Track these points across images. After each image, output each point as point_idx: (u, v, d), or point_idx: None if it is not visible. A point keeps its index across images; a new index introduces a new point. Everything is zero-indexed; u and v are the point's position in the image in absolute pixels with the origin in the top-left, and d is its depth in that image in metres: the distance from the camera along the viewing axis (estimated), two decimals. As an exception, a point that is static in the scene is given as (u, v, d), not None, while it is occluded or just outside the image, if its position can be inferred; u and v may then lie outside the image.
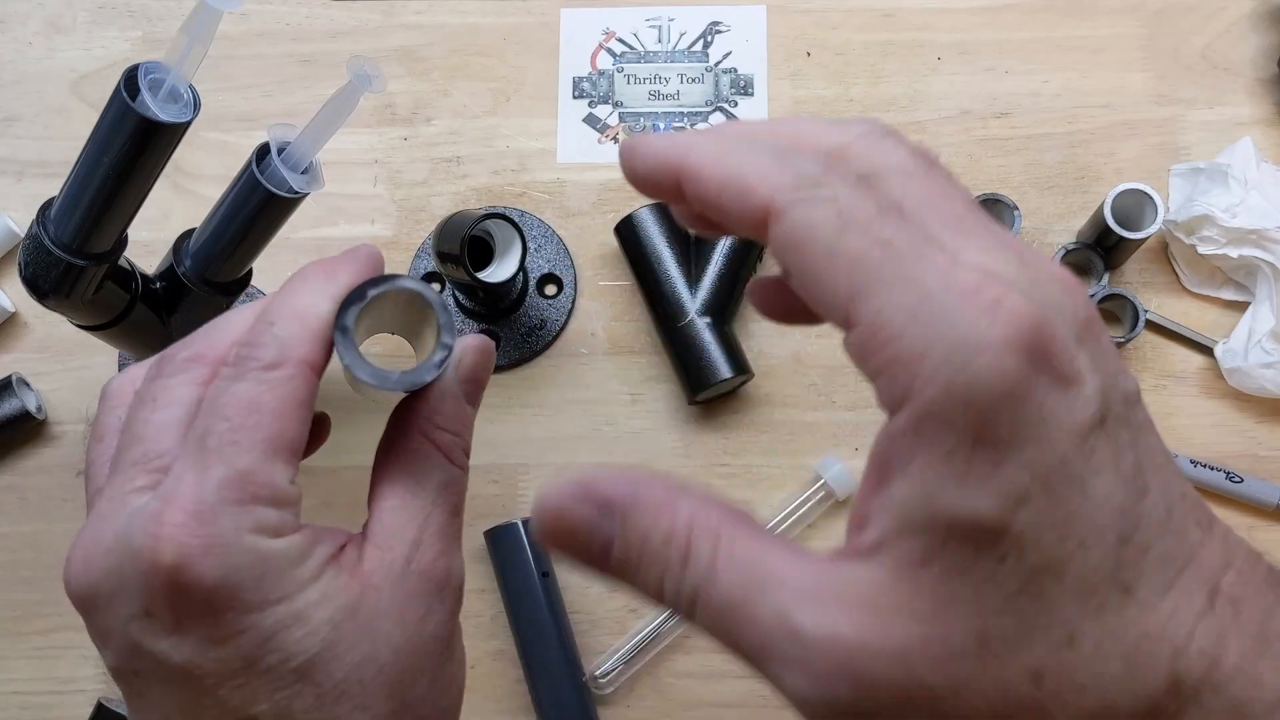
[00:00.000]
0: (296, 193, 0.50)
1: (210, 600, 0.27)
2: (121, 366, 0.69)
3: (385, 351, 0.66)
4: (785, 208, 0.23)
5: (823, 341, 0.68)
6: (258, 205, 0.50)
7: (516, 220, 0.63)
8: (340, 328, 0.29)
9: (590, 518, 0.24)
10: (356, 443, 0.68)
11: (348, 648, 0.29)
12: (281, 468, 0.29)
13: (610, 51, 0.74)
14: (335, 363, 0.31)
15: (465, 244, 0.60)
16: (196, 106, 0.44)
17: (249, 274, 0.58)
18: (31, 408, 0.66)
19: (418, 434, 0.32)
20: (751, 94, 0.73)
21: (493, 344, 0.35)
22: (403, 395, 0.33)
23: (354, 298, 0.29)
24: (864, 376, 0.23)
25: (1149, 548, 0.22)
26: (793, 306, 0.30)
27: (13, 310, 0.70)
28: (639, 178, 0.27)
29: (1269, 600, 0.23)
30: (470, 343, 0.33)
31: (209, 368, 0.31)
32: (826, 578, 0.23)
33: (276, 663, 0.28)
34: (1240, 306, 0.67)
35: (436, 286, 0.70)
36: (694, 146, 0.25)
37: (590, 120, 0.73)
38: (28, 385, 0.68)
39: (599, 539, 0.24)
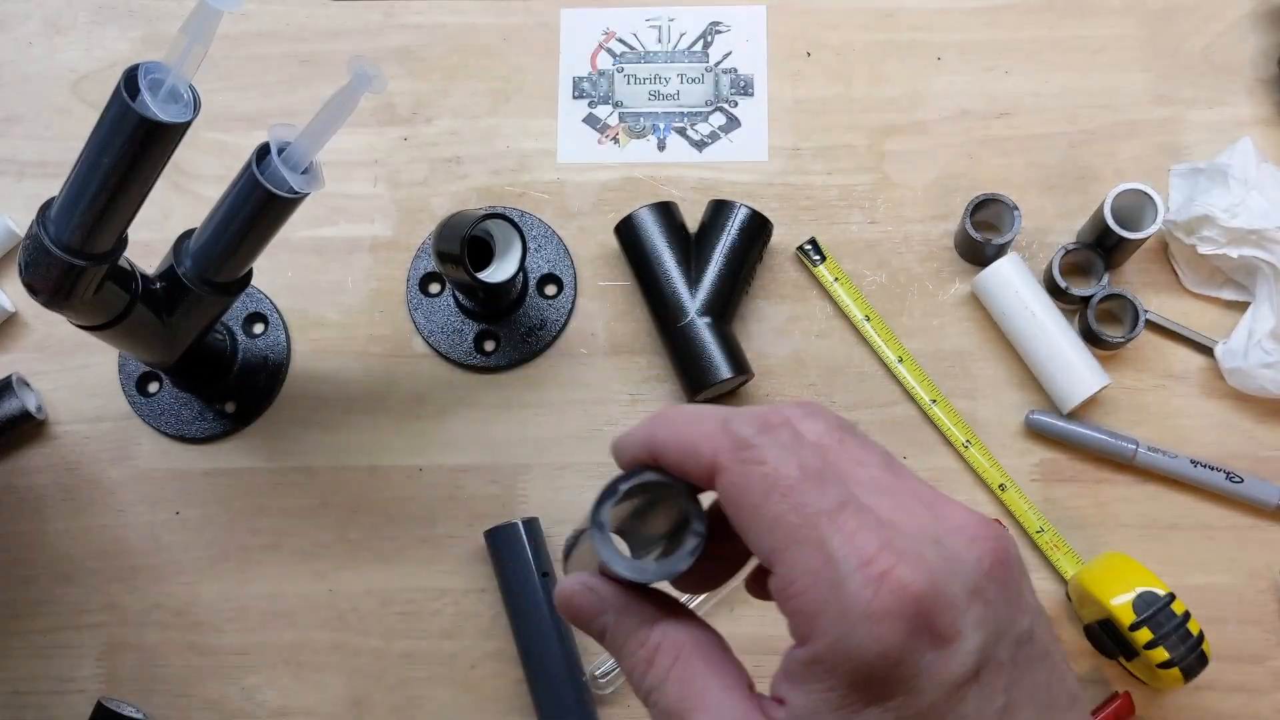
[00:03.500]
0: (296, 193, 0.50)
1: None
2: (121, 367, 0.69)
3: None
4: (724, 466, 0.28)
5: (823, 342, 0.68)
6: (258, 205, 0.50)
7: (516, 220, 0.63)
8: (596, 524, 0.30)
9: (593, 607, 0.31)
10: (357, 443, 0.68)
11: None
12: None
13: (610, 51, 0.74)
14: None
15: (465, 244, 0.59)
16: (196, 106, 0.44)
17: (249, 274, 0.58)
18: (31, 408, 0.66)
19: None
20: (751, 94, 0.73)
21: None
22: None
23: (607, 494, 0.31)
24: (780, 610, 0.27)
25: None
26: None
27: (13, 310, 0.70)
28: (627, 464, 0.31)
29: None
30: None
31: None
32: None
33: None
34: (1240, 306, 0.67)
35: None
36: (656, 430, 0.30)
37: (590, 120, 0.73)
38: (28, 385, 0.68)
39: (596, 626, 0.31)
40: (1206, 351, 0.67)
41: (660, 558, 0.31)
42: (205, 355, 0.65)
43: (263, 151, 0.49)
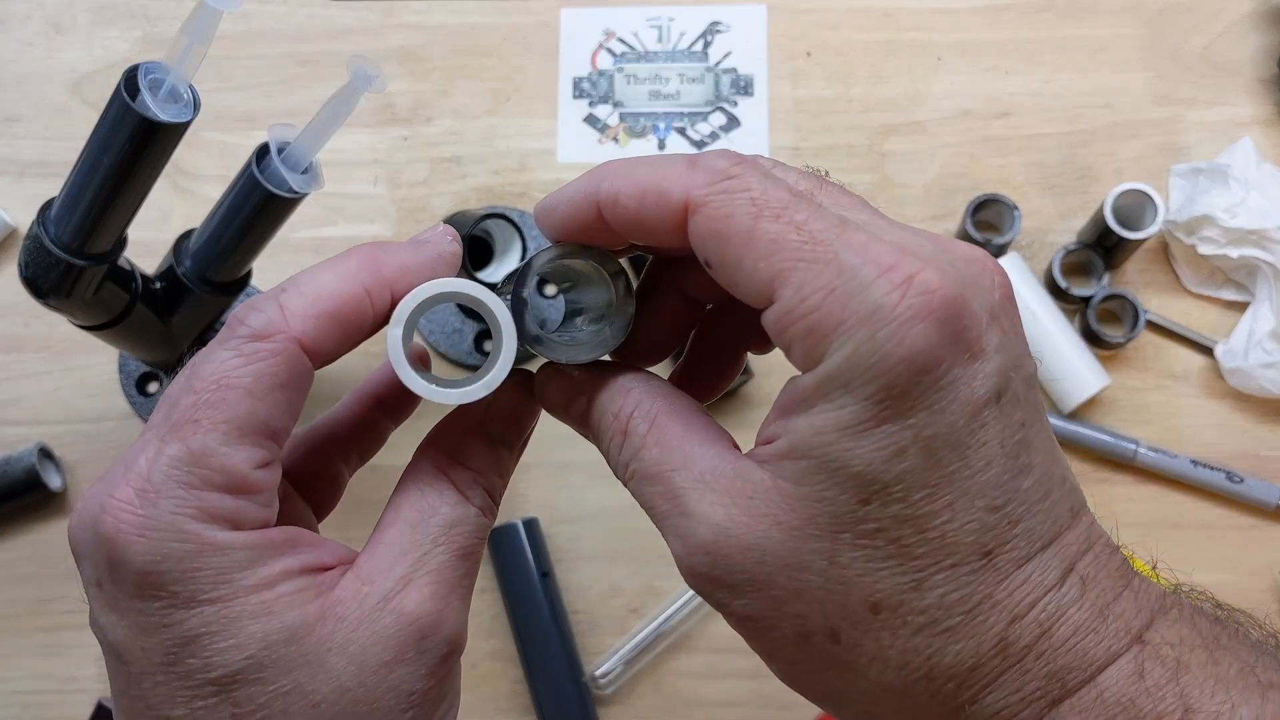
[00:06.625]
0: (296, 192, 0.50)
1: (140, 585, 0.26)
2: (122, 367, 0.69)
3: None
4: (702, 201, 0.25)
5: (823, 341, 0.68)
6: (258, 205, 0.50)
7: (516, 220, 0.63)
8: (531, 339, 0.29)
9: (567, 391, 0.30)
10: (356, 443, 0.68)
11: (278, 673, 0.26)
12: (247, 451, 0.26)
13: (610, 51, 0.74)
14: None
15: (465, 244, 0.59)
16: (196, 106, 0.44)
17: (249, 274, 0.58)
18: (54, 486, 0.66)
19: (432, 466, 0.31)
20: (751, 94, 0.73)
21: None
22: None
23: (518, 306, 0.29)
24: (779, 345, 0.25)
25: (1018, 521, 0.24)
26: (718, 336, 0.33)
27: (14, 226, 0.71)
28: (560, 225, 0.28)
29: (1116, 585, 0.25)
30: (516, 378, 0.31)
31: None
32: (722, 469, 0.26)
33: (195, 669, 0.26)
34: (1240, 306, 0.67)
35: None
36: (603, 177, 0.27)
37: (590, 120, 0.73)
38: (51, 458, 0.67)
39: (575, 413, 0.30)
40: (1206, 351, 0.67)
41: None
42: (205, 355, 0.65)
43: (263, 151, 0.49)
